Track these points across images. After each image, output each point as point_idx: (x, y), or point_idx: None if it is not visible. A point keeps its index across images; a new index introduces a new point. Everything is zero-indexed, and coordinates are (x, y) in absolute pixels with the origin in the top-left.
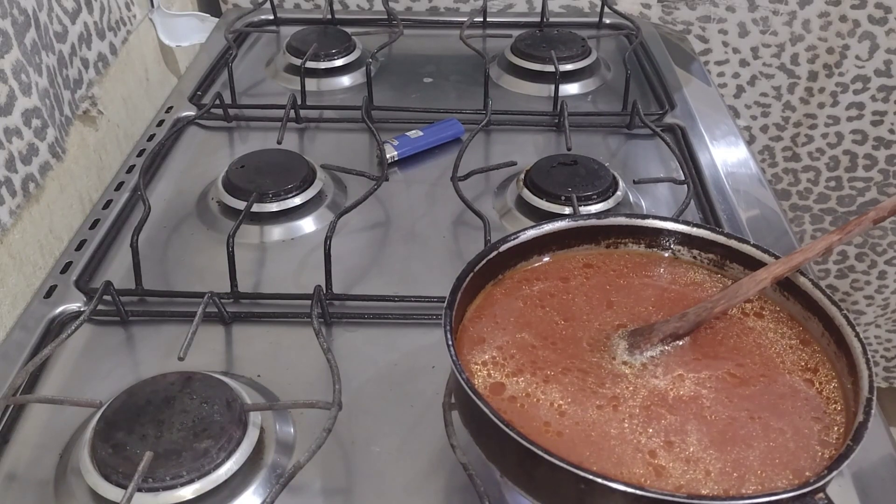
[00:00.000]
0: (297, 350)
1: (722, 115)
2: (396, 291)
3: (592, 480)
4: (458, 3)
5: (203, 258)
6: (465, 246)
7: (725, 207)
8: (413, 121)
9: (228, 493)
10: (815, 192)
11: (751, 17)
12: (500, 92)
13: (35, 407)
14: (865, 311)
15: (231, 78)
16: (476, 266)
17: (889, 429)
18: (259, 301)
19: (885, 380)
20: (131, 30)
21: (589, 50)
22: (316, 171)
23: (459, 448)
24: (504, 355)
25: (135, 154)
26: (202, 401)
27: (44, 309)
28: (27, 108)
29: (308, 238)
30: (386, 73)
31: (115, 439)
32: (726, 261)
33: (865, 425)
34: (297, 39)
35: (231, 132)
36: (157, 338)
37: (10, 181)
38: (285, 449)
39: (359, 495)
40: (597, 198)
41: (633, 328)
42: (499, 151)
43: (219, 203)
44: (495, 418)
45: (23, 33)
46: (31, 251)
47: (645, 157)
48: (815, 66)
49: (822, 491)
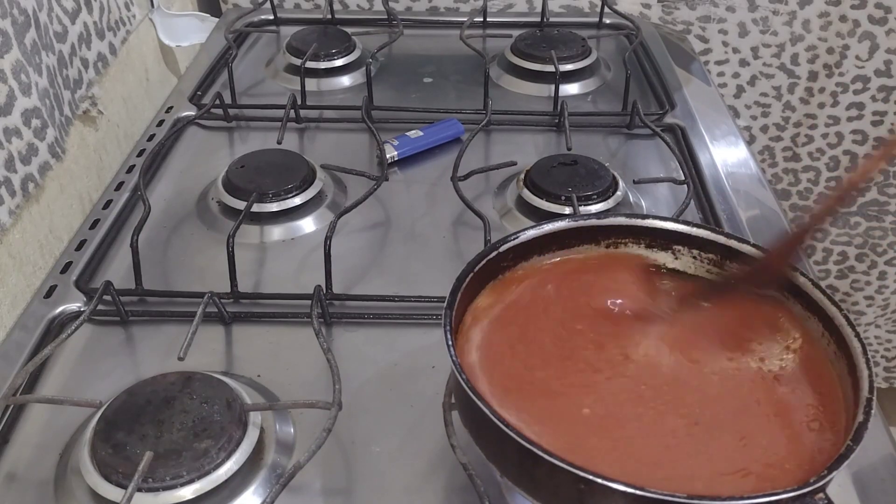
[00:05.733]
0: (297, 350)
1: (722, 115)
2: (396, 291)
3: (592, 480)
4: (458, 3)
5: (203, 258)
6: (465, 246)
7: (725, 207)
8: (413, 121)
9: (228, 493)
10: (815, 192)
11: (751, 17)
12: (500, 92)
13: (35, 407)
14: (865, 312)
15: (231, 78)
16: (476, 266)
17: (889, 429)
18: (259, 301)
19: (886, 380)
20: (131, 30)
21: (589, 50)
22: (316, 171)
23: (459, 448)
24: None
25: (135, 154)
26: (202, 401)
27: (44, 309)
28: (27, 108)
29: (308, 238)
30: (386, 73)
31: (115, 439)
32: (726, 261)
33: (865, 425)
34: (297, 39)
35: (231, 132)
36: (157, 338)
37: (10, 181)
38: (285, 449)
39: (359, 495)
40: (597, 198)
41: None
42: (499, 151)
43: (219, 203)
44: (495, 418)
45: (23, 33)
46: (31, 251)
47: (645, 157)
48: (815, 66)
49: (822, 491)
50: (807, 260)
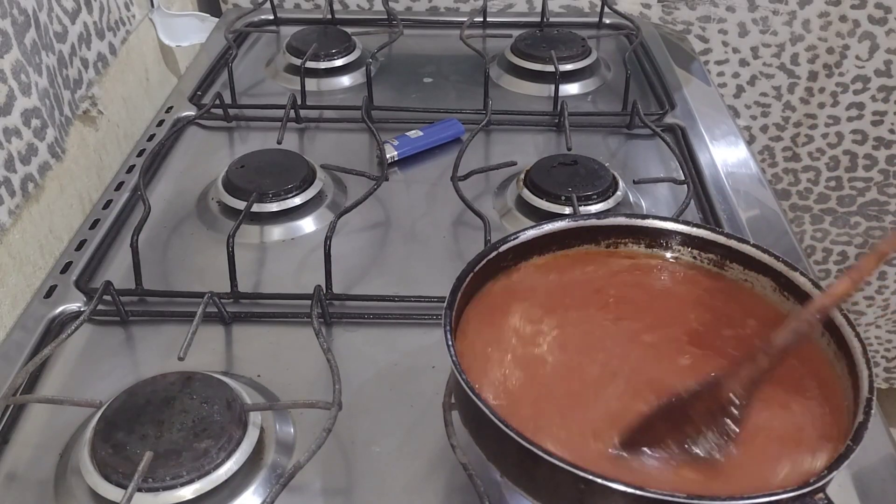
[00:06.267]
0: (297, 350)
1: (722, 115)
2: (396, 291)
3: (592, 480)
4: (458, 3)
5: (203, 258)
6: (465, 246)
7: (725, 207)
8: (413, 121)
9: (228, 493)
10: (815, 192)
11: (751, 17)
12: (500, 92)
13: (35, 407)
14: (865, 312)
15: (231, 78)
16: (476, 266)
17: (889, 429)
18: (259, 301)
19: (886, 380)
20: (131, 30)
21: (589, 50)
22: (316, 171)
23: (459, 448)
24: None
25: (135, 154)
26: (202, 401)
27: (44, 309)
28: (27, 108)
29: (308, 238)
30: (386, 73)
31: (115, 439)
32: (726, 261)
33: (865, 425)
34: (297, 39)
35: (231, 132)
36: (157, 338)
37: (10, 181)
38: (285, 449)
39: (359, 495)
40: (597, 198)
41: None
42: (499, 151)
43: (219, 203)
44: (495, 418)
45: (23, 33)
46: (31, 251)
47: (645, 157)
48: (815, 66)
49: (822, 491)
50: (807, 260)
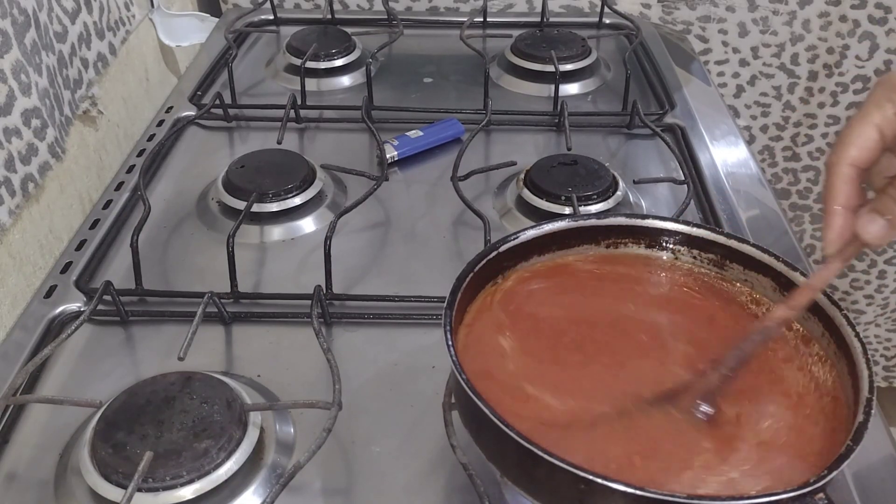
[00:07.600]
0: (297, 350)
1: (722, 115)
2: (396, 291)
3: (592, 480)
4: (458, 3)
5: (203, 258)
6: (465, 246)
7: (725, 207)
8: (413, 121)
9: (228, 493)
10: (815, 191)
11: (751, 17)
12: (500, 92)
13: (35, 407)
14: (865, 311)
15: (231, 78)
16: (476, 266)
17: (889, 429)
18: (259, 301)
19: (885, 379)
20: (131, 30)
21: (589, 50)
22: (316, 171)
23: (459, 448)
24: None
25: (135, 154)
26: (202, 401)
27: (44, 309)
28: (27, 108)
29: (308, 238)
30: (386, 73)
31: (115, 439)
32: (726, 261)
33: (865, 425)
34: (297, 39)
35: (231, 132)
36: (157, 338)
37: (10, 181)
38: (285, 449)
39: (359, 495)
40: (597, 198)
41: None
42: (499, 151)
43: (219, 203)
44: (495, 418)
45: (23, 33)
46: (31, 251)
47: (645, 157)
48: (815, 65)
49: (822, 491)
50: (806, 260)
